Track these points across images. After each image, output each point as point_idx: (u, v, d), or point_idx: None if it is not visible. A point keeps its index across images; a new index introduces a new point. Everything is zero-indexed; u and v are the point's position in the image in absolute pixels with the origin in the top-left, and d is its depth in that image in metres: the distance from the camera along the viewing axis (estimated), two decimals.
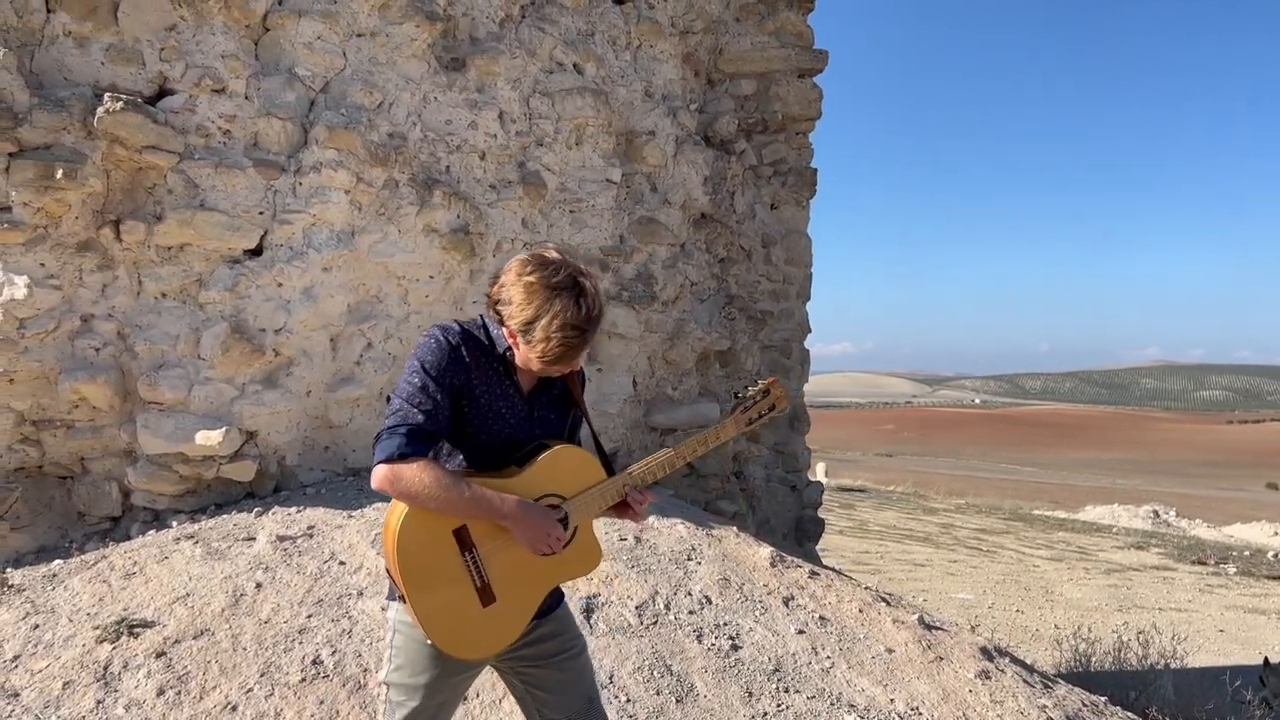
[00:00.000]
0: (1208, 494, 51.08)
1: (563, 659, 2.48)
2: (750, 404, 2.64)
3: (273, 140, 5.41)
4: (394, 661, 2.36)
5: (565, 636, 2.51)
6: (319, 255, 5.46)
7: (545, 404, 2.45)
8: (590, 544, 2.45)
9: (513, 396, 2.37)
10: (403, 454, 2.16)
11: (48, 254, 4.90)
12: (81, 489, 5.20)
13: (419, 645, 2.31)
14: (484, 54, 6.24)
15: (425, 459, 2.18)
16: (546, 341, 2.20)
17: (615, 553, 5.00)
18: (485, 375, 2.32)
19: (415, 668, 2.33)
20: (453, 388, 2.25)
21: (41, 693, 3.53)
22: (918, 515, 24.64)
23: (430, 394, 2.21)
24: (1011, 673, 4.72)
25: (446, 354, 2.25)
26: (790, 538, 7.72)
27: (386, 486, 2.17)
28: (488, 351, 2.33)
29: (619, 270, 6.90)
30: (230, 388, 5.23)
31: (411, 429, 2.18)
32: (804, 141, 8.00)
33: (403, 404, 2.21)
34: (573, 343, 2.20)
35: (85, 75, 5.04)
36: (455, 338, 2.28)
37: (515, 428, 2.37)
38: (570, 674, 2.49)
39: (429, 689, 2.33)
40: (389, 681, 2.38)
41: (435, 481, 2.15)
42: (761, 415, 2.67)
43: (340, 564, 4.52)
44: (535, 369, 2.31)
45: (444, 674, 2.34)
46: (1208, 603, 13.72)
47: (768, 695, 4.07)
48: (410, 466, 2.16)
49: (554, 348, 2.20)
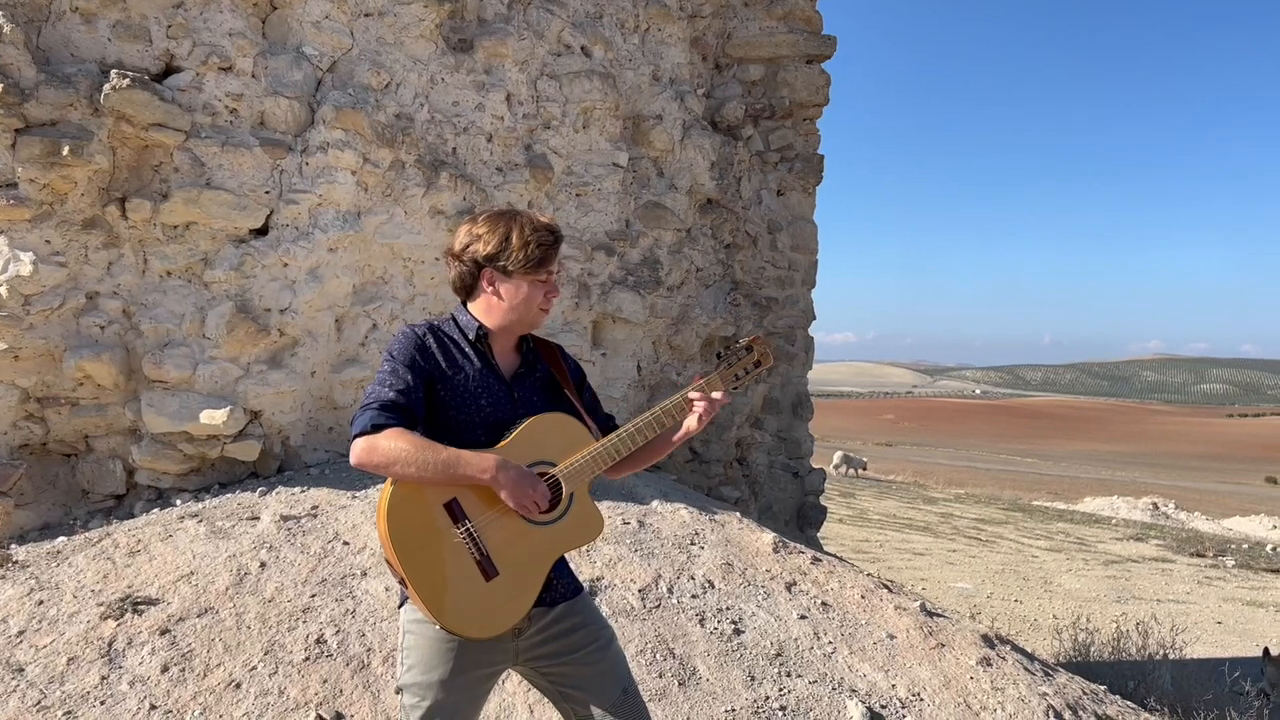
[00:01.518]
0: (1207, 487, 51.12)
1: (591, 650, 2.42)
2: (734, 360, 2.59)
3: (280, 120, 5.39)
4: (406, 662, 2.34)
5: (592, 628, 2.45)
6: (325, 236, 5.45)
7: (527, 387, 2.44)
8: (589, 512, 2.40)
9: (489, 380, 2.36)
10: (376, 425, 2.17)
11: (53, 231, 4.89)
12: (86, 467, 5.20)
13: (430, 642, 2.30)
14: (492, 35, 6.22)
15: (399, 427, 2.18)
16: (525, 247, 2.31)
17: (618, 536, 5.00)
18: (457, 362, 2.34)
19: (427, 665, 2.30)
20: (423, 372, 2.28)
21: (46, 668, 3.54)
22: (917, 505, 24.68)
23: (400, 375, 2.25)
24: (1012, 660, 4.73)
25: (413, 342, 2.31)
26: (792, 524, 7.73)
27: (364, 458, 2.17)
28: (458, 340, 2.38)
29: (625, 255, 6.89)
30: (235, 367, 5.23)
31: (384, 402, 2.20)
32: (811, 128, 7.98)
33: (374, 388, 2.25)
34: (547, 242, 2.33)
35: (92, 52, 5.02)
36: (421, 329, 2.36)
37: (495, 409, 2.35)
38: (602, 666, 2.43)
39: (443, 685, 2.30)
40: (403, 684, 2.35)
41: (410, 445, 2.15)
42: (747, 371, 2.62)
43: (344, 544, 4.52)
44: (521, 298, 2.34)
45: (457, 669, 2.30)
46: (1206, 595, 13.75)
47: (770, 679, 4.08)
48: (384, 435, 2.16)
49: (534, 250, 2.31)
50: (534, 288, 2.35)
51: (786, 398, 8.01)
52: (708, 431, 7.30)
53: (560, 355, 2.55)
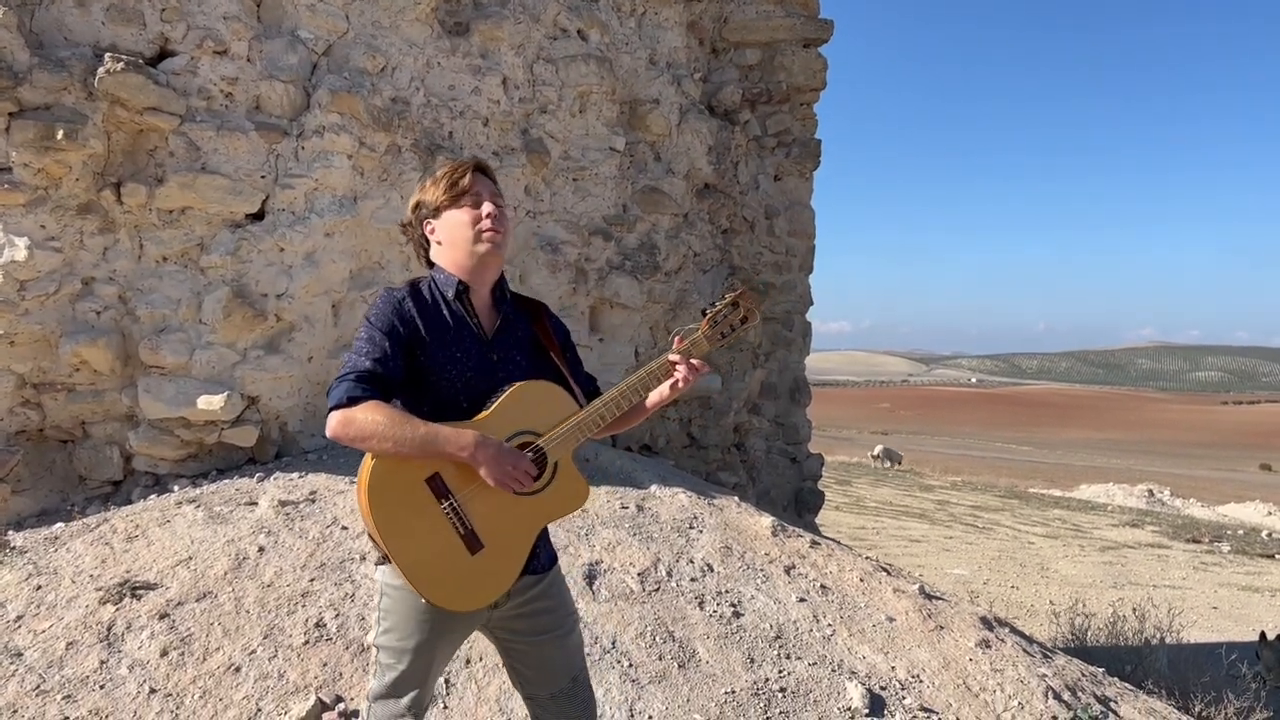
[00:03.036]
0: (1202, 474, 51.26)
1: (553, 637, 2.44)
2: (720, 318, 2.50)
3: (275, 103, 5.36)
4: (383, 624, 2.33)
5: (560, 613, 2.46)
6: (321, 220, 5.42)
7: (509, 345, 2.40)
8: (575, 480, 2.36)
9: (469, 340, 2.33)
10: (352, 397, 2.14)
11: (48, 216, 4.86)
12: (82, 453, 5.18)
13: (408, 608, 2.28)
14: (488, 19, 6.18)
15: (376, 400, 2.16)
16: (438, 182, 2.35)
17: (617, 520, 5.00)
18: (437, 323, 2.31)
19: (405, 630, 2.29)
20: (401, 337, 2.24)
21: (45, 653, 3.53)
22: (914, 492, 24.72)
23: (377, 343, 2.22)
24: (1011, 643, 4.73)
25: (391, 306, 2.27)
26: (790, 509, 7.74)
27: (340, 431, 2.13)
28: (438, 300, 2.34)
29: (622, 240, 6.87)
30: (232, 353, 5.21)
31: (361, 373, 2.17)
32: (808, 112, 7.95)
33: (351, 356, 2.22)
34: (459, 169, 2.35)
35: (86, 35, 4.99)
36: (400, 293, 2.32)
37: (477, 370, 2.32)
38: (558, 653, 2.45)
39: (418, 650, 2.30)
40: (378, 644, 2.34)
41: (388, 419, 2.12)
42: (734, 329, 2.54)
43: (342, 529, 4.51)
44: (457, 228, 2.33)
45: (434, 635, 2.30)
46: (1202, 580, 13.80)
47: (769, 661, 4.08)
48: (360, 408, 2.13)
49: (448, 179, 2.33)
50: (463, 213, 2.32)
51: (784, 383, 8.01)
52: (705, 417, 7.29)
53: (544, 314, 2.52)
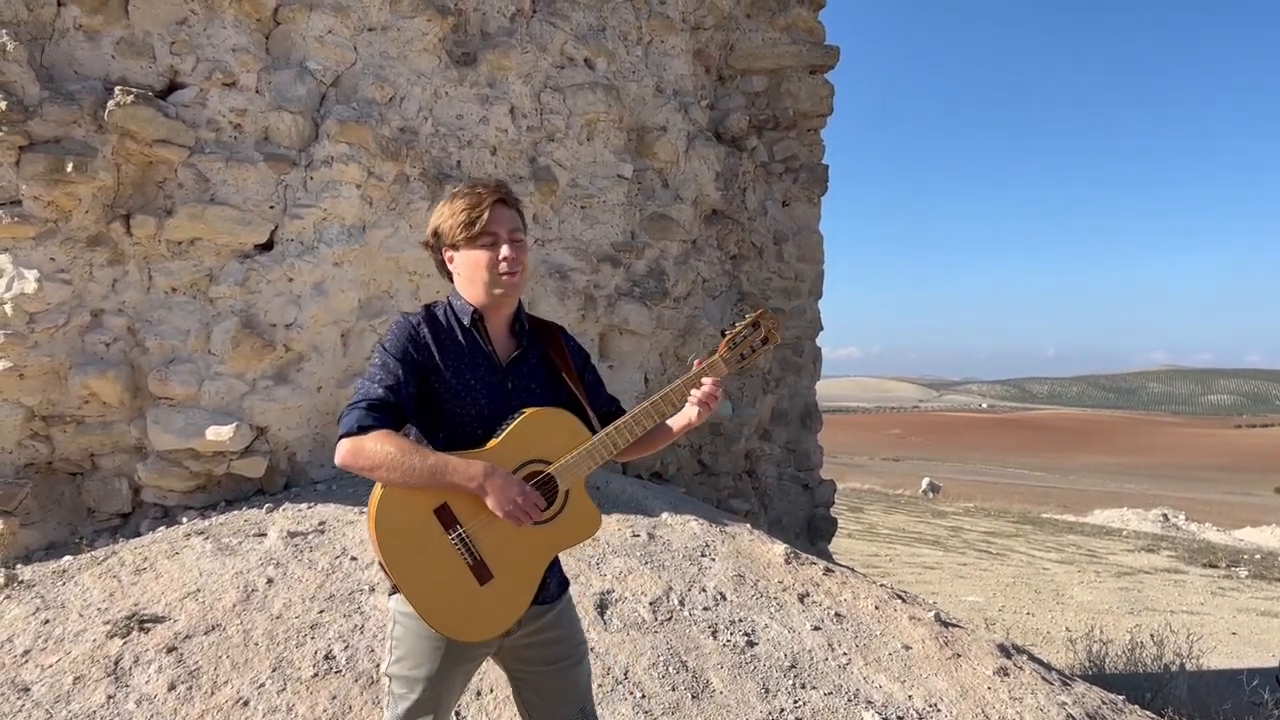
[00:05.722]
0: (1216, 498, 50.85)
1: (562, 667, 2.40)
2: (740, 339, 2.45)
3: (284, 134, 5.38)
4: (395, 653, 2.31)
5: (570, 643, 2.43)
6: (330, 250, 5.43)
7: (525, 374, 2.37)
8: (586, 508, 2.33)
9: (483, 367, 2.31)
10: (362, 426, 2.12)
11: (58, 248, 4.87)
12: (91, 485, 5.16)
13: (420, 637, 2.26)
14: (495, 48, 6.22)
15: (386, 430, 2.13)
16: (455, 215, 2.26)
17: (629, 548, 4.95)
18: (452, 350, 2.29)
19: (417, 659, 2.27)
20: (415, 364, 2.23)
21: (52, 687, 3.49)
22: (926, 518, 24.55)
23: (390, 370, 2.20)
24: (1030, 670, 4.66)
25: (406, 333, 2.26)
26: (802, 536, 7.67)
27: (349, 460, 2.12)
28: (453, 326, 2.32)
29: (631, 266, 6.86)
30: (241, 383, 5.20)
31: (373, 401, 2.16)
32: (815, 138, 7.97)
33: (364, 382, 2.21)
34: (475, 203, 2.25)
35: (96, 69, 5.02)
36: (415, 318, 2.31)
37: (491, 398, 2.29)
38: (566, 683, 2.41)
39: (431, 681, 2.27)
40: (390, 674, 2.32)
41: (397, 449, 2.10)
42: (754, 350, 2.48)
43: (352, 560, 4.48)
44: (474, 266, 2.28)
45: (446, 665, 2.28)
46: (1220, 605, 13.62)
47: (784, 691, 4.01)
48: (370, 437, 2.11)
49: (463, 214, 2.25)
50: (481, 251, 2.28)
51: (795, 409, 7.96)
52: (716, 444, 7.25)
53: (561, 336, 2.49)
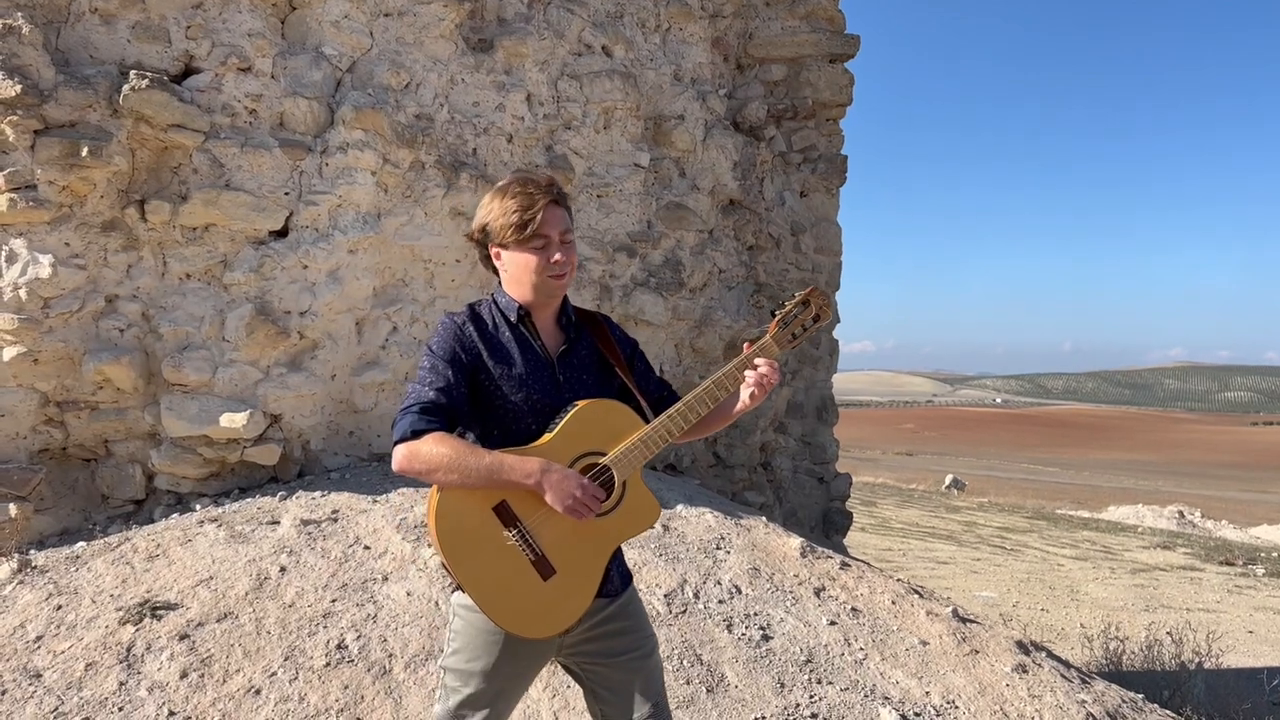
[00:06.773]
0: (1232, 495, 50.48)
1: (631, 659, 2.36)
2: (791, 318, 2.40)
3: (299, 120, 5.34)
4: (452, 645, 2.31)
5: (637, 635, 2.39)
6: (345, 237, 5.39)
7: (575, 366, 2.36)
8: (645, 498, 2.32)
9: (533, 362, 2.30)
10: (416, 430, 2.12)
11: (73, 233, 4.85)
12: (105, 471, 5.15)
13: (479, 631, 2.25)
14: (512, 35, 6.16)
15: (441, 432, 2.13)
16: (506, 214, 2.23)
17: (643, 541, 4.91)
18: (500, 347, 2.28)
19: (472, 652, 2.26)
20: (464, 365, 2.23)
21: (64, 674, 3.48)
22: (940, 513, 24.45)
23: (440, 372, 2.20)
24: (1049, 667, 4.60)
25: (452, 333, 2.26)
26: (817, 530, 7.62)
27: (406, 465, 2.12)
28: (500, 323, 2.31)
29: (647, 256, 6.81)
30: (255, 370, 5.17)
31: (425, 404, 2.16)
32: (834, 128, 7.89)
33: (415, 386, 2.21)
34: (527, 205, 2.22)
35: (111, 53, 4.99)
36: (460, 317, 2.31)
37: (543, 392, 2.28)
38: (638, 676, 2.37)
39: (485, 675, 2.26)
40: (445, 666, 2.31)
41: (453, 451, 2.10)
42: (805, 329, 2.44)
43: (365, 548, 4.45)
44: (523, 267, 2.26)
45: (502, 661, 2.26)
46: (1236, 603, 13.50)
47: (800, 686, 3.97)
48: (425, 440, 2.11)
49: (515, 216, 2.22)
50: (531, 254, 2.25)
51: (810, 402, 7.90)
52: (731, 436, 7.20)
53: (608, 327, 2.47)
